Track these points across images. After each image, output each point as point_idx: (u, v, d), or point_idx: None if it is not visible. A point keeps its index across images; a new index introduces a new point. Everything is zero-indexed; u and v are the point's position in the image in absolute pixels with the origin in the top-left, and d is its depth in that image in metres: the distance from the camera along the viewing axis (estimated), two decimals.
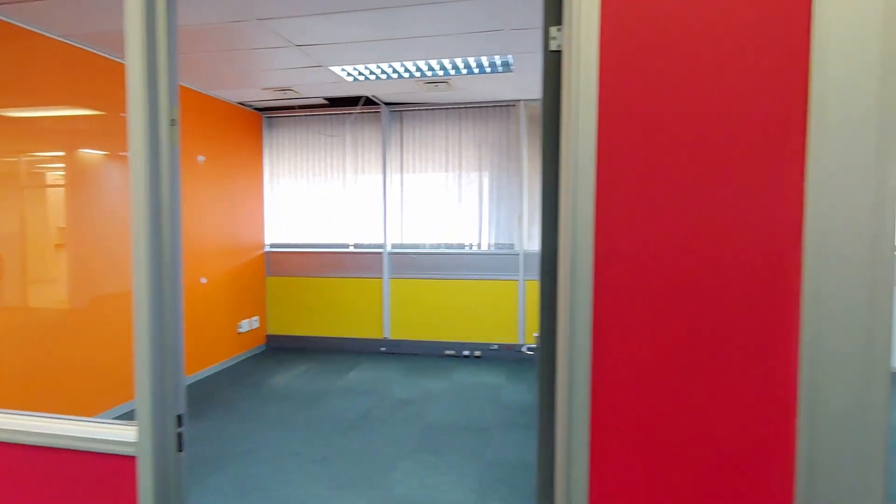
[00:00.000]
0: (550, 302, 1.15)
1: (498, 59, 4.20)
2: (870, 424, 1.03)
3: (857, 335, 1.01)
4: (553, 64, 1.14)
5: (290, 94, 5.21)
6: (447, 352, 5.64)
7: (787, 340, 1.03)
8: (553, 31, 1.14)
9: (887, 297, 1.02)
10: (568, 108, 1.07)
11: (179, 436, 1.33)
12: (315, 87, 5.01)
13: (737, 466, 1.06)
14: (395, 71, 4.51)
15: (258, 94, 5.21)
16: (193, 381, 4.81)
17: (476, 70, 4.49)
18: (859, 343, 1.02)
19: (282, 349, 5.93)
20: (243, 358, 5.59)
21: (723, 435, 1.05)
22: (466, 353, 5.60)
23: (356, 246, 5.89)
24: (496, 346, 5.53)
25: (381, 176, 5.80)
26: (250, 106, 5.72)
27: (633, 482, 1.07)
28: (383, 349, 5.78)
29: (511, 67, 4.39)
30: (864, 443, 1.03)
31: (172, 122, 1.28)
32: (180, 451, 1.34)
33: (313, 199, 5.97)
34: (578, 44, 1.06)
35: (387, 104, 5.68)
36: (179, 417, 1.33)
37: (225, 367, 5.26)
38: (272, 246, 6.04)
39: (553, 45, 1.14)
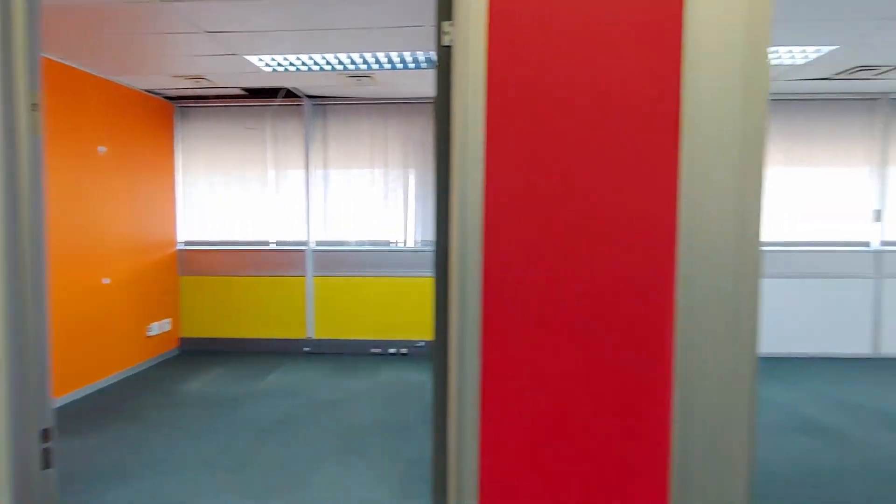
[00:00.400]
0: (444, 300, 1.14)
1: (422, 56, 4.18)
2: (737, 407, 1.10)
3: (726, 325, 1.08)
4: (445, 59, 1.13)
5: (203, 83, 4.94)
6: (373, 350, 5.58)
7: (663, 331, 1.08)
8: (445, 25, 1.13)
9: (752, 290, 1.09)
10: (457, 104, 1.07)
11: (46, 452, 1.21)
12: (231, 77, 4.77)
13: (619, 450, 1.09)
14: (315, 63, 4.38)
15: (168, 82, 4.89)
16: (96, 388, 4.46)
17: (400, 66, 4.45)
18: (727, 332, 1.08)
19: (197, 352, 5.62)
20: (154, 363, 5.25)
21: (605, 422, 1.08)
22: (392, 350, 5.55)
23: (278, 243, 5.69)
24: (422, 344, 5.53)
25: (303, 171, 5.63)
26: (160, 94, 5.37)
27: (523, 475, 1.09)
28: (307, 349, 5.62)
29: (435, 64, 4.38)
30: (732, 423, 1.10)
31: (33, 107, 1.16)
32: (47, 468, 1.22)
33: (231, 194, 5.69)
34: (467, 39, 1.05)
35: (309, 97, 5.52)
36: (45, 432, 1.21)
37: (133, 372, 4.92)
38: (186, 244, 5.71)
39: (445, 41, 1.13)
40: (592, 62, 1.05)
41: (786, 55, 4.24)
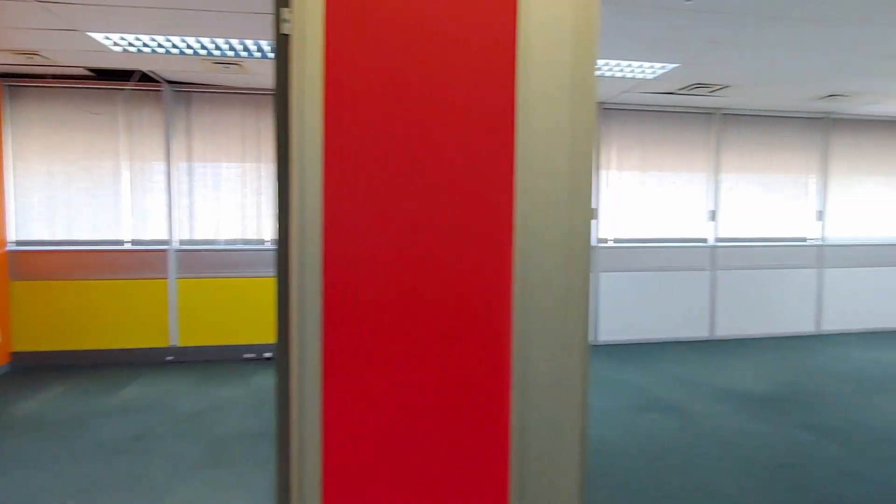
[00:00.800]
0: (286, 299, 1.09)
1: None
2: (571, 392, 1.18)
3: (559, 316, 1.15)
4: (283, 48, 1.08)
5: (37, 60, 4.32)
6: (246, 355, 5.27)
7: (501, 325, 1.12)
8: (284, 12, 1.08)
9: (583, 282, 1.17)
10: (295, 96, 1.02)
11: None
12: (72, 55, 4.23)
13: (460, 442, 1.12)
14: (174, 46, 4.02)
15: None
16: None
17: (271, 55, 4.23)
18: (560, 323, 1.15)
19: (33, 368, 4.92)
20: None
21: (446, 416, 1.10)
22: (268, 354, 5.29)
23: (134, 243, 5.15)
24: None
25: (164, 164, 5.15)
26: None
27: (366, 473, 1.07)
28: (170, 358, 5.16)
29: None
30: (566, 407, 1.17)
31: None
32: None
33: (76, 188, 5.05)
34: (304, 27, 1.01)
35: (170, 83, 5.06)
36: None
37: None
38: (19, 244, 4.97)
39: (284, 29, 1.08)
40: (431, 60, 1.06)
41: (637, 70, 4.69)
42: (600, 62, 4.42)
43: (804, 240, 6.57)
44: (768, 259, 6.40)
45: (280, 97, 1.09)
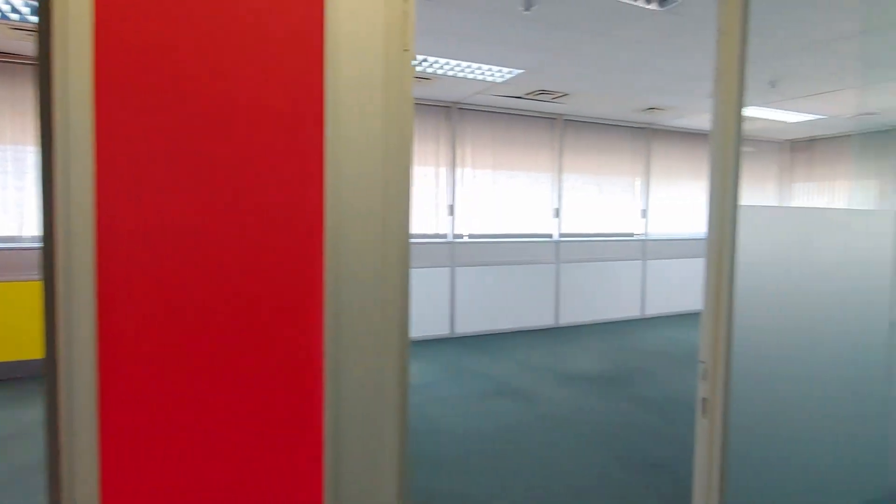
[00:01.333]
0: (52, 308, 0.93)
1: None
2: (388, 388, 1.16)
3: (376, 313, 1.13)
4: (45, 9, 0.91)
5: None
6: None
7: (312, 324, 1.07)
8: None
9: (401, 278, 1.16)
10: (58, 67, 0.87)
11: None
12: None
13: (267, 446, 1.05)
14: None
15: None
16: None
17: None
18: (378, 320, 1.13)
19: None
20: None
21: (250, 421, 1.03)
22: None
23: None
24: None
25: None
26: None
27: (148, 484, 0.96)
28: None
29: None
30: (384, 404, 1.16)
31: None
32: None
33: None
34: None
35: None
36: None
37: None
38: None
39: None
40: (228, 40, 0.97)
41: (488, 73, 4.90)
42: (452, 63, 4.55)
43: (632, 235, 7.42)
44: (603, 252, 7.12)
45: (43, 67, 0.92)
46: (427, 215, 6.13)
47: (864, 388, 1.87)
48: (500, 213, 6.52)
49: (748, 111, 6.23)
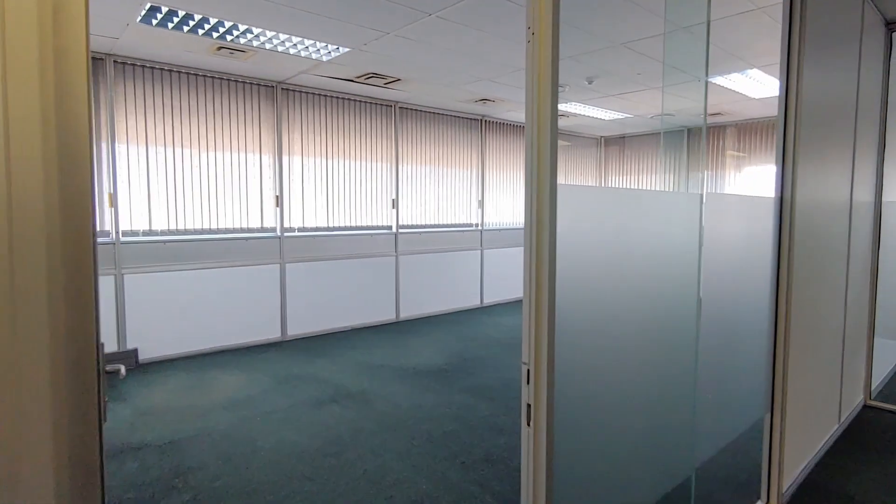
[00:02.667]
0: None
1: None
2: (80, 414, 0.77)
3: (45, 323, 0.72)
4: None
5: None
6: None
7: None
8: None
9: (85, 284, 0.77)
10: None
11: None
12: None
13: None
14: None
15: None
16: None
17: None
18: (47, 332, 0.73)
19: None
20: None
21: None
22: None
23: None
24: None
25: None
26: None
27: None
28: None
29: None
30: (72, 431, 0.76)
31: None
32: None
33: None
34: None
35: None
36: None
37: None
38: None
39: None
40: None
41: (312, 48, 4.45)
42: (269, 34, 4.02)
43: (470, 225, 7.52)
44: (443, 243, 7.10)
45: None
46: (253, 208, 5.49)
47: (675, 372, 1.89)
48: (334, 204, 6.11)
49: (567, 107, 6.64)
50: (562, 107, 6.74)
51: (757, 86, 5.58)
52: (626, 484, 1.67)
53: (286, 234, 5.69)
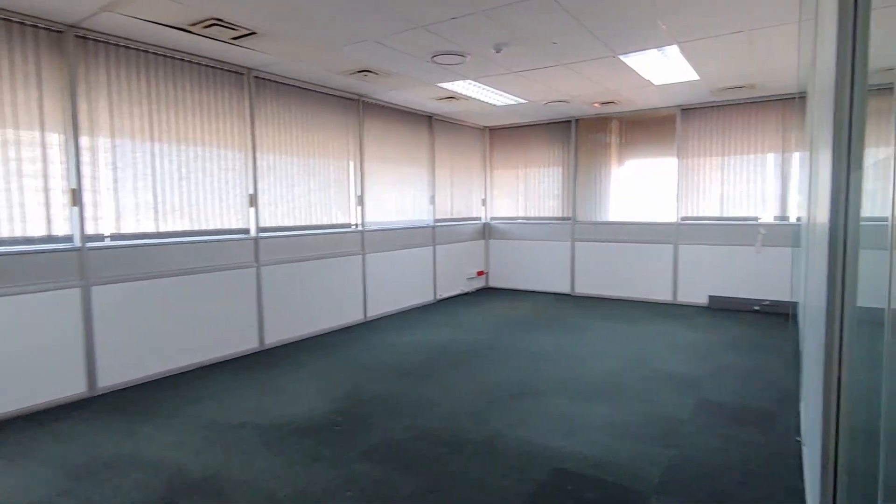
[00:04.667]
0: None
1: None
2: None
3: None
4: None
5: None
6: None
7: None
8: None
9: None
10: None
11: None
12: None
13: None
14: None
15: None
16: None
17: None
18: None
19: None
20: None
21: None
22: None
23: None
24: None
25: None
26: None
27: None
28: None
29: None
30: None
31: None
32: None
33: None
34: None
35: None
36: None
37: None
38: None
39: None
40: None
41: None
42: None
43: (349, 226, 6.29)
44: (315, 248, 5.78)
45: None
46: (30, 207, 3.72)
47: None
48: (164, 202, 4.51)
49: (462, 86, 5.71)
50: (455, 86, 5.80)
51: (665, 69, 5.15)
52: None
53: (88, 243, 3.99)
